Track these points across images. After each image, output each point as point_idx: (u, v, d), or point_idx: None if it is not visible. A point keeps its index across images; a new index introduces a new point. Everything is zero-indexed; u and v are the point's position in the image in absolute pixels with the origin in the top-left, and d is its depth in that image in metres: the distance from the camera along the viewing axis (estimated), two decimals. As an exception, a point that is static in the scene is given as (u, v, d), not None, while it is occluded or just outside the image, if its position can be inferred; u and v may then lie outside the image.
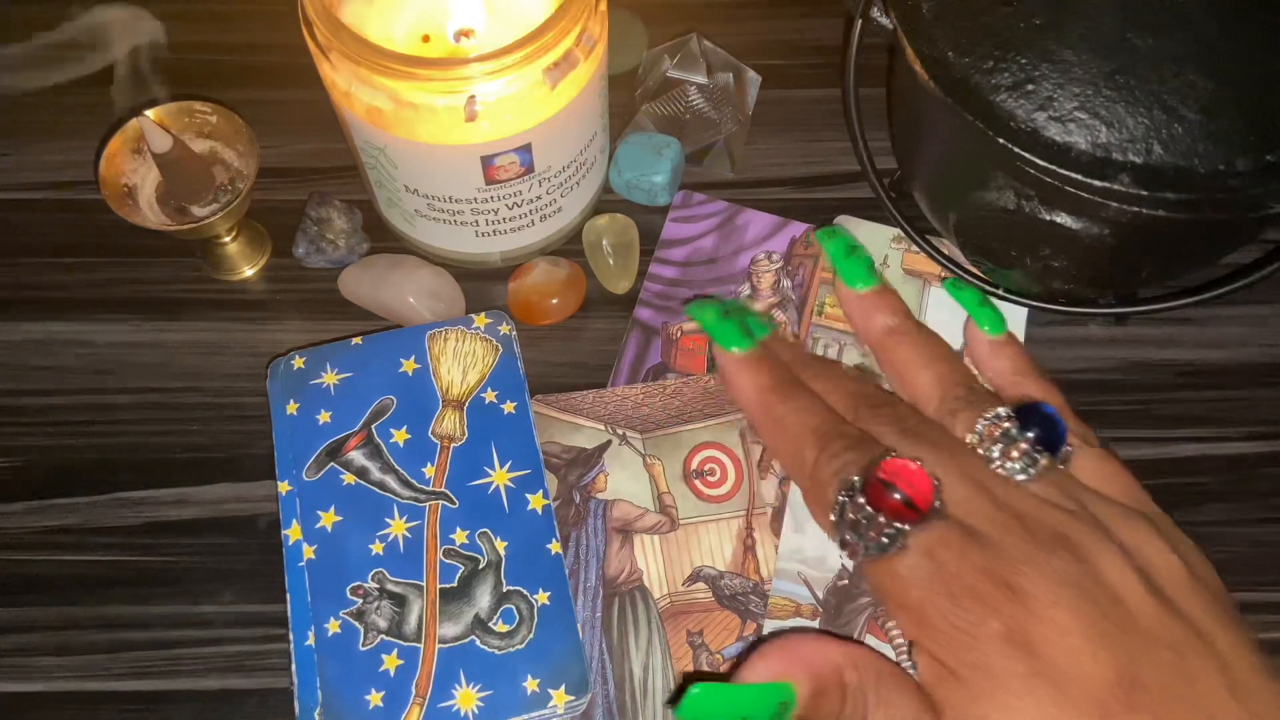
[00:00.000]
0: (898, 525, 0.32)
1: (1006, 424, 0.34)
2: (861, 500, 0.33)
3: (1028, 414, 0.34)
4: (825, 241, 0.41)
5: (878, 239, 0.50)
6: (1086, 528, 0.32)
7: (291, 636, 0.40)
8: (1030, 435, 0.34)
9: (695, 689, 0.33)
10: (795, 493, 0.45)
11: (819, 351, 0.49)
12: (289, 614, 0.41)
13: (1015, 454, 0.34)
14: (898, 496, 0.32)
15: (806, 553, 0.43)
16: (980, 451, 0.34)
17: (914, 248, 0.49)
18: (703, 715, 0.33)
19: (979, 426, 0.35)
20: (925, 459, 0.33)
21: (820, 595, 0.43)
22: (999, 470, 0.34)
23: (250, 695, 0.42)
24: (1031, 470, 0.34)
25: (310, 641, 0.40)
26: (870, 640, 0.42)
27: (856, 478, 0.33)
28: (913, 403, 0.38)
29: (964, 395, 0.36)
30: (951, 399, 0.36)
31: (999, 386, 0.39)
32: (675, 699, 0.35)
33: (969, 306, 0.40)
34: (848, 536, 0.33)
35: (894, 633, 0.35)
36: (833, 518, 0.34)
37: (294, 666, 0.40)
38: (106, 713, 0.42)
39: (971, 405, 0.36)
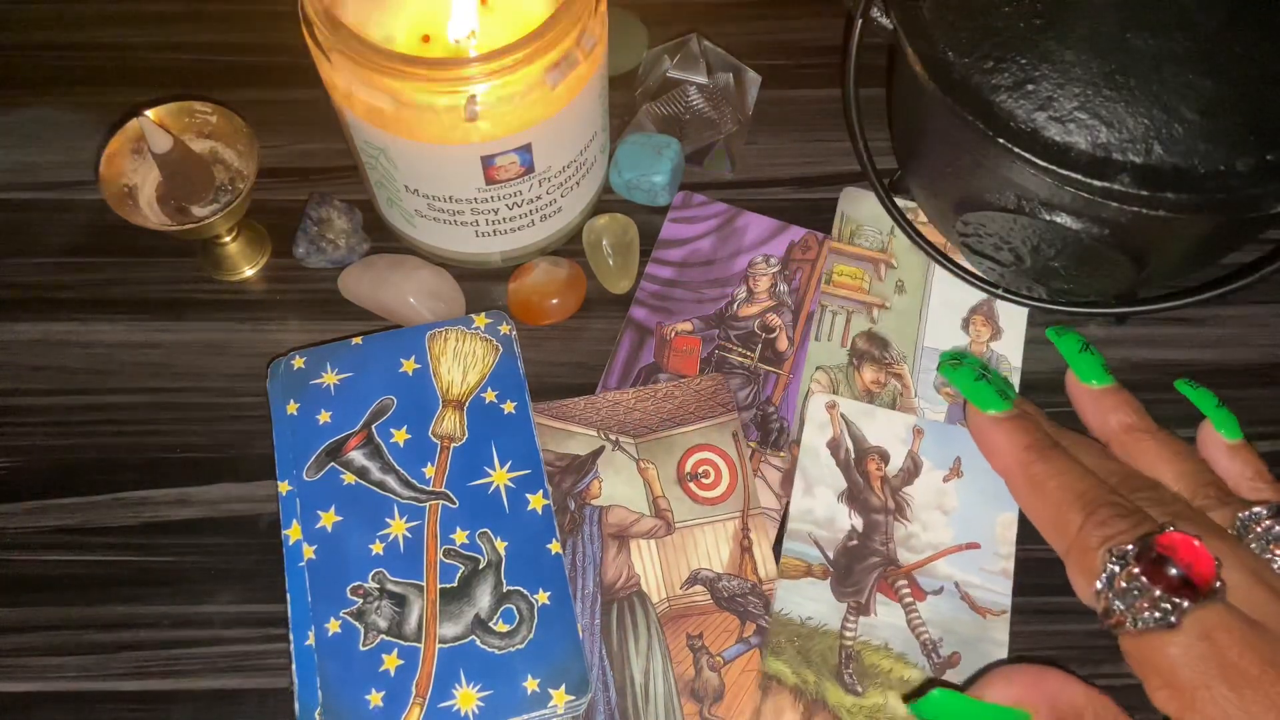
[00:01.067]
0: (1174, 601, 0.31)
1: (1268, 521, 0.34)
2: (1136, 570, 0.32)
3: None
4: (1058, 339, 0.43)
5: (885, 214, 0.50)
6: None
7: (291, 636, 0.40)
8: None
9: (937, 692, 0.34)
10: (804, 455, 0.45)
11: (827, 320, 0.49)
12: (289, 614, 0.41)
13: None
14: (1176, 572, 0.31)
15: (816, 514, 0.44)
16: (1250, 539, 0.34)
17: (923, 216, 0.50)
18: (938, 718, 0.34)
19: (1239, 523, 0.35)
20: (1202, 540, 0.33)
21: (830, 555, 0.44)
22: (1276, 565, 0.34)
23: (250, 695, 0.42)
24: None
25: (310, 641, 0.40)
26: (880, 599, 0.43)
27: (1130, 547, 0.33)
28: (1178, 484, 0.38)
29: (1215, 494, 0.36)
30: (1203, 497, 0.36)
31: (1235, 489, 0.39)
32: (914, 696, 0.37)
33: (1208, 409, 0.41)
34: (1115, 606, 0.33)
35: (904, 593, 0.36)
36: (1099, 586, 0.33)
37: (294, 666, 0.40)
38: (106, 713, 0.42)
39: (1225, 503, 0.36)
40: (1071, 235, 0.42)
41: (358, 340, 0.46)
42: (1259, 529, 0.34)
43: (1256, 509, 0.35)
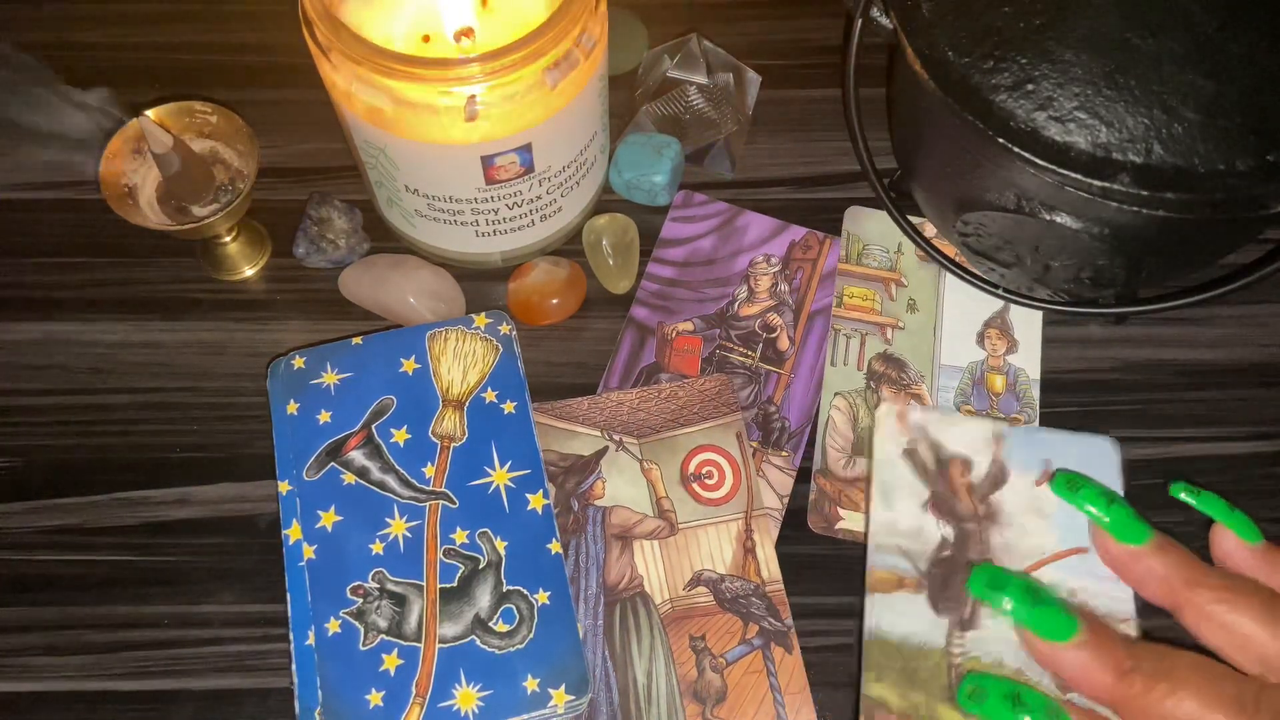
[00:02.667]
0: None
1: None
2: None
3: None
4: (1070, 492, 0.39)
5: (893, 225, 0.50)
6: None
7: (291, 636, 0.40)
8: None
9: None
10: (879, 468, 0.44)
11: (840, 344, 0.48)
12: (289, 614, 0.41)
13: None
14: None
15: (900, 525, 0.42)
16: None
17: (931, 233, 0.49)
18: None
19: None
20: None
21: (923, 568, 0.42)
22: None
23: (250, 695, 0.42)
24: None
25: (310, 641, 0.40)
26: (985, 611, 0.40)
27: None
28: (1250, 666, 0.34)
29: None
30: None
31: (1165, 602, 0.36)
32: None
33: (1219, 514, 0.38)
34: None
35: None
36: None
37: (294, 666, 0.40)
38: (106, 713, 0.42)
39: None
40: (1071, 235, 0.42)
41: (358, 340, 0.46)
42: None
43: None
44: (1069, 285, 0.46)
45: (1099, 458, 0.44)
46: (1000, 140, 0.40)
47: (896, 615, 0.41)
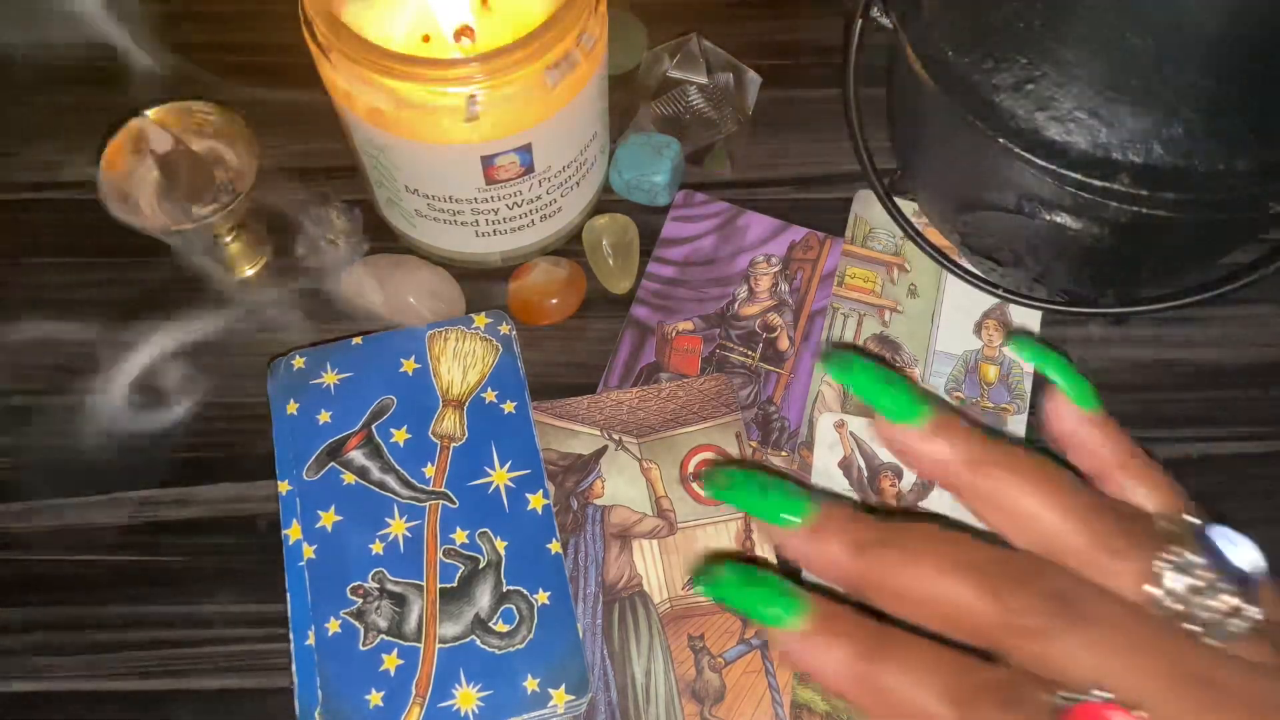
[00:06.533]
0: None
1: (1203, 571, 0.26)
2: None
3: (1212, 546, 0.27)
4: (843, 375, 0.31)
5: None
6: None
7: (291, 636, 0.40)
8: (1233, 584, 0.26)
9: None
10: (816, 477, 0.45)
11: (838, 324, 0.49)
12: (289, 614, 0.41)
13: (1221, 610, 0.26)
14: None
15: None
16: (1179, 605, 0.26)
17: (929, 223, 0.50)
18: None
19: (1170, 581, 0.26)
20: (1119, 664, 0.25)
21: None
22: (1205, 639, 0.26)
23: (250, 695, 0.42)
24: (1247, 625, 0.26)
25: (310, 641, 0.40)
26: None
27: None
28: (1042, 543, 0.29)
29: (1116, 528, 0.27)
30: (1108, 536, 0.27)
31: (1097, 475, 0.31)
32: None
33: (1058, 372, 0.32)
34: None
35: None
36: None
37: (294, 666, 0.40)
38: (106, 713, 0.42)
39: (1135, 546, 0.27)
40: (1071, 235, 0.42)
41: (358, 340, 0.46)
42: (1184, 586, 0.25)
43: (1183, 554, 0.26)
44: (1069, 285, 0.46)
45: None
46: (1000, 140, 0.40)
47: None
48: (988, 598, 0.26)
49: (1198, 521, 0.28)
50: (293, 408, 0.44)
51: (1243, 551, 0.27)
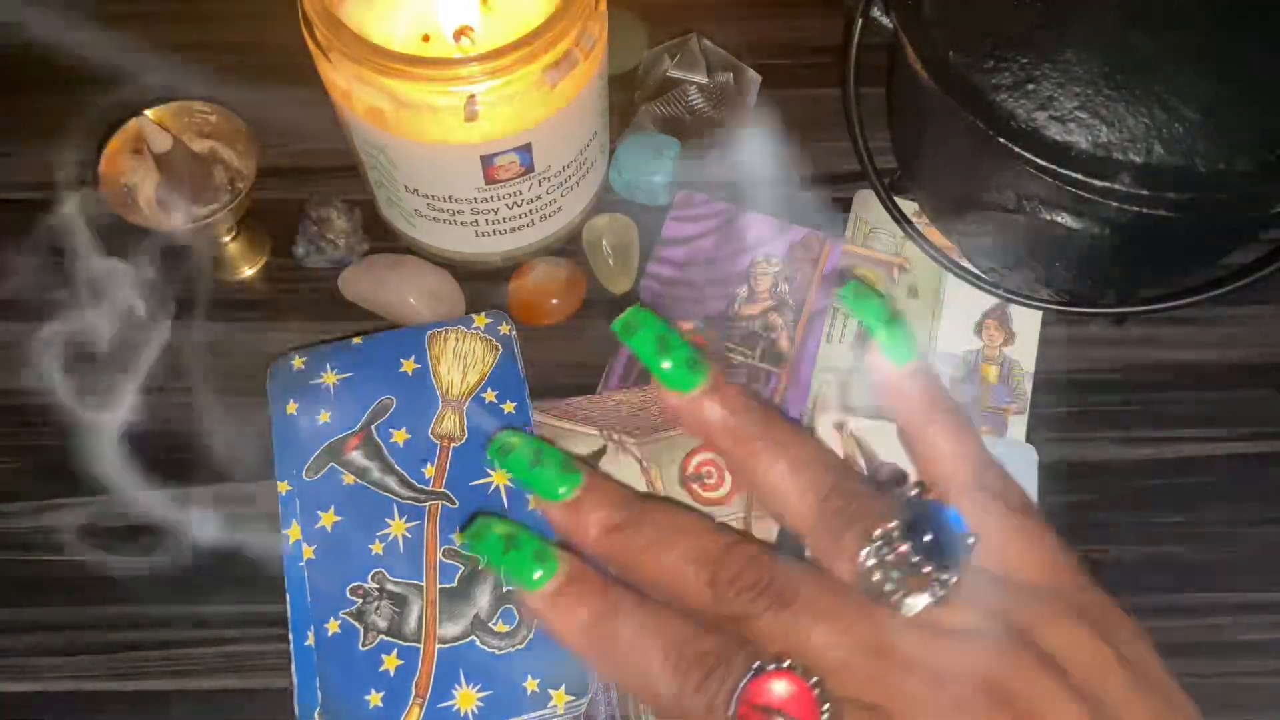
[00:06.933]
0: None
1: (903, 547, 0.29)
2: None
3: (918, 526, 0.29)
4: (627, 337, 0.34)
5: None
6: (1008, 657, 0.28)
7: (291, 636, 0.40)
8: (929, 556, 0.28)
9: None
10: None
11: (838, 324, 0.49)
12: (289, 614, 0.41)
13: (918, 583, 0.28)
14: None
15: None
16: (877, 580, 0.29)
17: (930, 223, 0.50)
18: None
19: (868, 558, 0.29)
20: (810, 640, 0.28)
21: None
22: (903, 611, 0.29)
23: (250, 695, 0.42)
24: (942, 594, 0.28)
25: (310, 641, 0.40)
26: None
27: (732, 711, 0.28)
28: (784, 519, 0.32)
29: (843, 507, 0.30)
30: (829, 515, 0.30)
31: (906, 426, 0.34)
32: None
33: (872, 326, 0.33)
34: None
35: None
36: None
37: (294, 666, 0.40)
38: (106, 713, 0.42)
39: (854, 521, 0.30)
40: (1071, 235, 0.42)
41: (357, 340, 0.46)
42: (890, 559, 0.28)
43: (888, 529, 0.29)
44: (1069, 285, 0.46)
45: (1019, 463, 0.45)
46: (1000, 140, 0.40)
47: None
48: (705, 584, 0.30)
49: (914, 494, 0.30)
50: (292, 408, 0.44)
51: (951, 523, 0.29)
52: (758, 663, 0.28)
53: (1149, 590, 0.44)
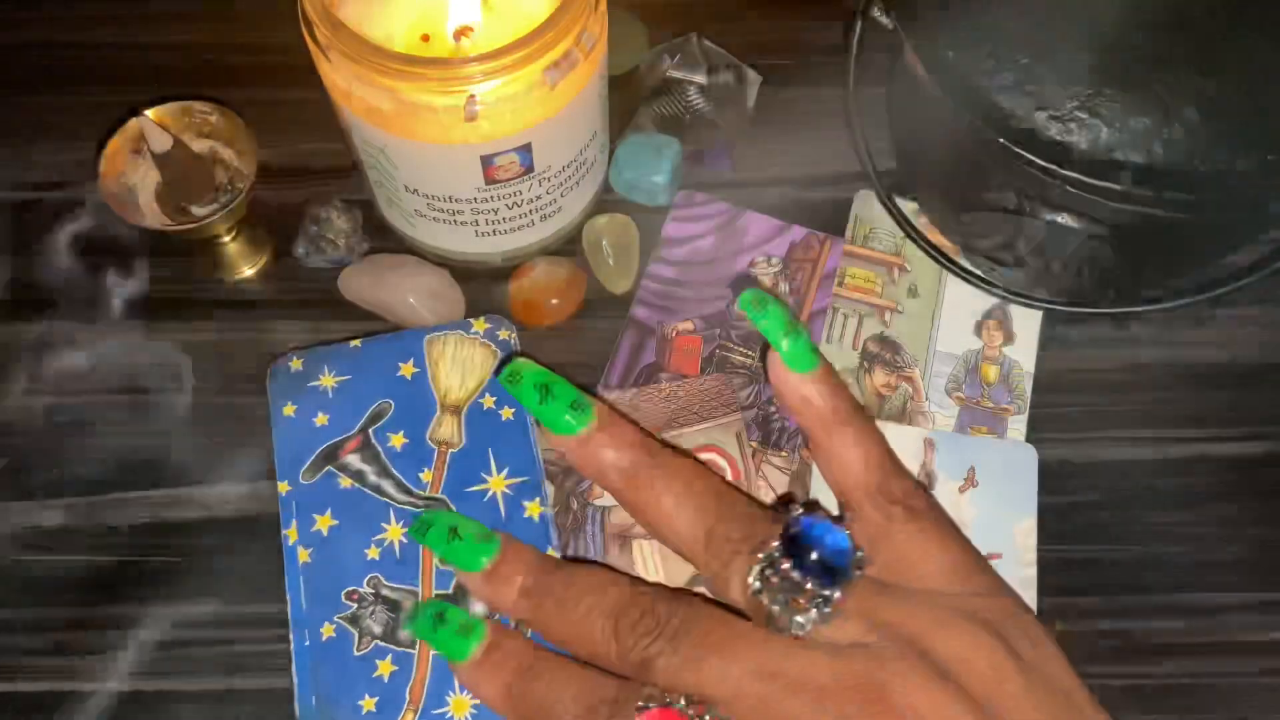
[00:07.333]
0: None
1: (785, 566, 0.29)
2: None
3: (802, 545, 0.29)
4: (511, 386, 0.36)
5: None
6: (898, 668, 0.28)
7: (291, 637, 0.40)
8: (810, 575, 0.29)
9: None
10: (816, 479, 0.44)
11: (838, 322, 0.49)
12: (289, 614, 0.41)
13: (804, 600, 0.29)
14: None
15: None
16: (765, 603, 0.30)
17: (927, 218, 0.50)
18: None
19: (754, 582, 0.30)
20: (703, 674, 0.29)
21: None
22: (792, 631, 0.29)
23: (250, 695, 0.42)
24: (827, 610, 0.29)
25: (310, 642, 0.40)
26: None
27: None
28: (676, 549, 0.33)
29: (730, 533, 0.31)
30: (717, 543, 0.31)
31: (810, 435, 0.34)
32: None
33: (773, 336, 0.34)
34: None
35: None
36: None
37: (294, 667, 0.40)
38: (107, 713, 0.42)
39: (741, 546, 0.31)
40: (1071, 235, 0.42)
41: (356, 343, 0.46)
42: (776, 583, 0.29)
43: (770, 553, 0.29)
44: (1069, 285, 0.46)
45: (1019, 463, 0.45)
46: (1000, 140, 0.40)
47: None
48: (610, 639, 0.31)
49: (799, 513, 0.30)
50: (290, 410, 0.44)
51: (833, 539, 0.29)
52: (638, 703, 0.29)
53: (1149, 590, 0.44)
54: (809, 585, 0.29)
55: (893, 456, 0.34)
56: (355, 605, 0.41)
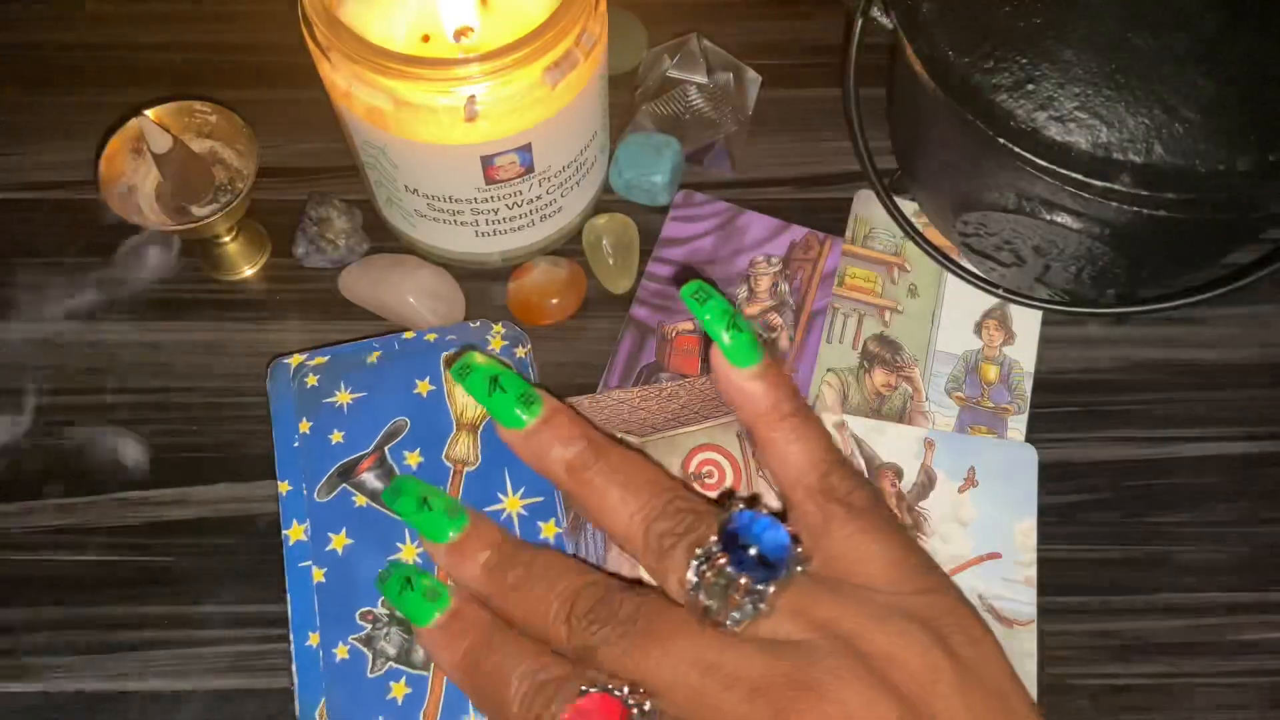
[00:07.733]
0: None
1: (721, 561, 0.29)
2: None
3: (738, 540, 0.30)
4: (462, 379, 0.35)
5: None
6: (831, 664, 0.28)
7: (292, 637, 0.40)
8: (745, 570, 0.29)
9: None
10: None
11: (839, 322, 0.49)
12: (289, 614, 0.41)
13: (739, 595, 0.29)
14: None
15: None
16: (703, 600, 0.30)
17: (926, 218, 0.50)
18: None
19: (691, 576, 0.30)
20: (644, 663, 0.30)
21: None
22: (729, 626, 0.29)
23: (250, 695, 0.42)
24: (762, 605, 0.29)
25: (310, 642, 0.40)
26: None
27: None
28: (619, 543, 0.33)
29: (670, 528, 0.31)
30: (656, 537, 0.32)
31: (752, 430, 0.34)
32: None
33: (714, 330, 0.33)
34: None
35: None
36: None
37: (294, 666, 0.40)
38: (107, 713, 0.42)
39: (680, 540, 0.31)
40: (1071, 235, 0.42)
41: (373, 359, 0.45)
42: (712, 577, 0.29)
43: (709, 546, 0.30)
44: (1069, 285, 0.46)
45: (1019, 463, 0.45)
46: (1000, 140, 0.40)
47: None
48: (562, 622, 0.32)
49: (739, 508, 0.31)
50: (305, 426, 0.44)
51: (772, 535, 0.30)
52: (582, 686, 0.30)
53: (1149, 590, 0.44)
54: (743, 580, 0.29)
55: (836, 453, 0.33)
56: (370, 626, 0.40)
